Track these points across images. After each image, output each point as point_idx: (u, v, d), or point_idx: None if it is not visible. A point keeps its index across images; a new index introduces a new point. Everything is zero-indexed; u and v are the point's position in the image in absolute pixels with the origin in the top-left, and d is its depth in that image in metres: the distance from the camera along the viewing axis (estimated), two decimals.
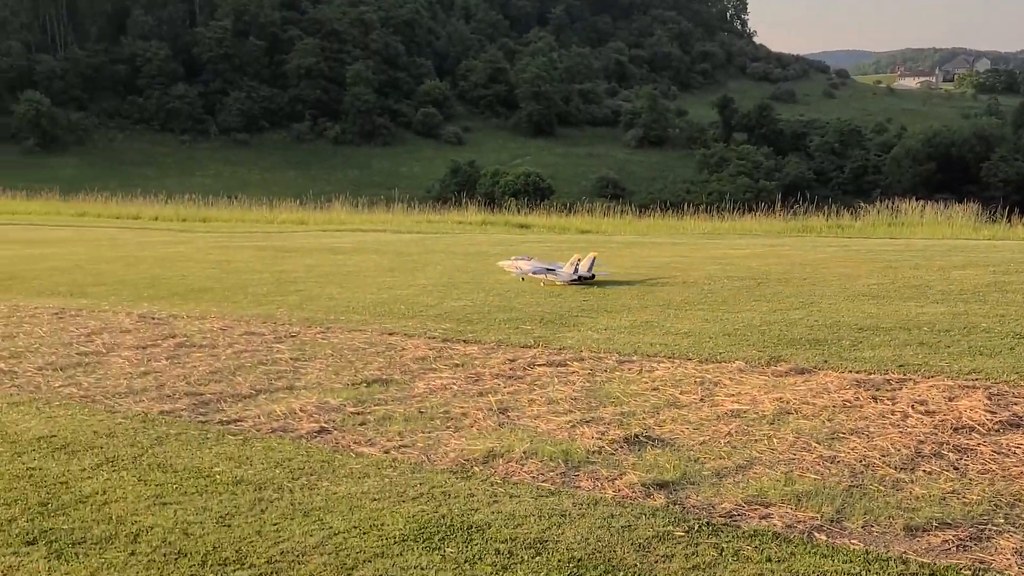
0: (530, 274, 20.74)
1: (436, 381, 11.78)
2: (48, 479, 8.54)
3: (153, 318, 16.47)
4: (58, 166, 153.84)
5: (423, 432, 9.73)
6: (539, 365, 12.55)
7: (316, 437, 9.66)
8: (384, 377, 12.01)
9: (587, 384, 11.54)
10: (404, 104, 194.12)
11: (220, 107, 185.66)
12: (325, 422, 10.11)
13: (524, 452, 8.98)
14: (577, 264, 20.27)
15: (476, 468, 8.66)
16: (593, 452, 8.99)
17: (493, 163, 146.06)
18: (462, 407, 10.59)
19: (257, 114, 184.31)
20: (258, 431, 9.87)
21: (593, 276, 20.20)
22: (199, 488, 8.27)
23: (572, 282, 20.03)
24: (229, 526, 7.43)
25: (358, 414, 10.40)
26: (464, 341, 14.04)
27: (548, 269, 20.69)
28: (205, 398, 11.19)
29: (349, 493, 8.07)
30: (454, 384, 11.63)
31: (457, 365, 12.62)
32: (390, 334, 14.65)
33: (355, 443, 9.43)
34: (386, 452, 9.15)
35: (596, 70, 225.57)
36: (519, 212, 47.62)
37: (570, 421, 9.96)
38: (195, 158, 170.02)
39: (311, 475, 8.55)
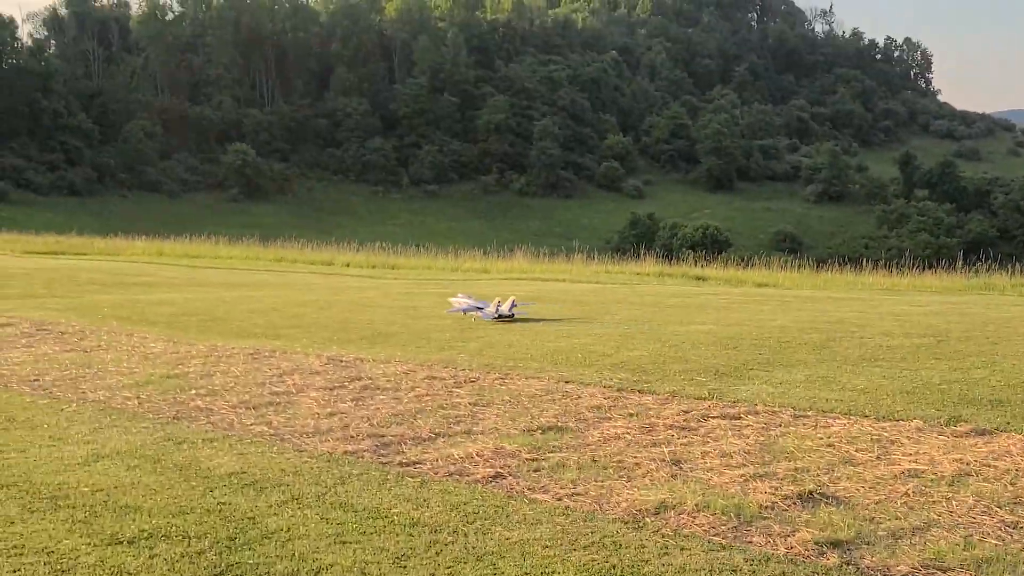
0: (463, 311, 23.39)
1: (610, 430, 11.63)
2: (237, 514, 8.63)
3: (341, 361, 16.66)
4: (260, 213, 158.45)
5: (596, 481, 9.58)
6: (713, 417, 12.30)
7: (491, 482, 9.58)
8: (559, 425, 11.90)
9: (761, 438, 11.25)
10: (588, 158, 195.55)
11: (413, 160, 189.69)
12: (500, 467, 10.03)
13: (696, 505, 8.76)
14: (499, 305, 22.85)
15: (647, 519, 8.48)
16: (766, 507, 8.72)
17: (672, 216, 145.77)
18: (635, 457, 10.41)
19: (447, 167, 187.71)
20: (435, 474, 9.85)
21: (513, 315, 22.59)
22: (377, 528, 8.26)
23: (495, 319, 22.39)
24: (404, 567, 7.39)
25: (533, 460, 10.30)
26: (639, 391, 13.85)
27: (477, 307, 23.32)
28: (387, 440, 11.22)
29: (522, 539, 7.97)
30: (628, 434, 11.46)
31: (631, 415, 12.44)
32: (566, 382, 14.54)
33: (529, 489, 9.33)
34: (559, 499, 9.03)
35: (777, 127, 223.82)
36: (696, 264, 47.12)
37: (743, 475, 9.70)
38: (387, 208, 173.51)
39: (485, 520, 8.47)
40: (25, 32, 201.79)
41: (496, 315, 22.62)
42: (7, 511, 8.68)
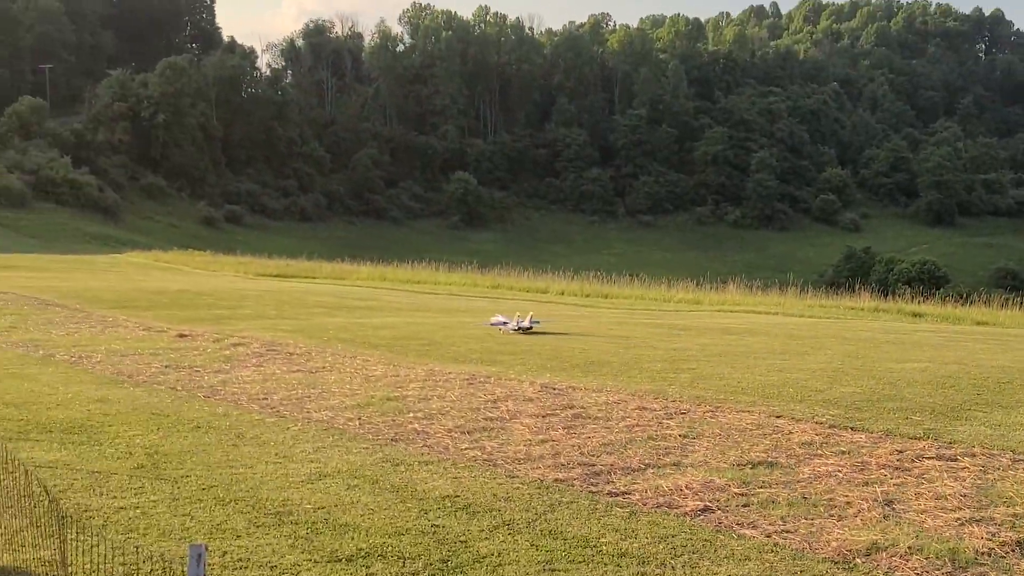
0: (494, 325, 26.98)
1: (821, 467, 11.38)
2: (449, 537, 8.74)
3: (554, 388, 16.72)
4: (478, 241, 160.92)
5: (806, 518, 9.39)
6: (928, 458, 11.90)
7: (700, 515, 9.49)
8: (769, 460, 11.70)
9: (978, 481, 10.83)
10: (804, 190, 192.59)
11: (629, 190, 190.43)
12: (709, 501, 9.92)
13: (909, 547, 8.50)
14: (520, 320, 26.22)
15: (858, 560, 8.27)
16: (982, 553, 8.40)
17: (889, 250, 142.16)
18: (846, 495, 10.16)
19: (663, 197, 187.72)
20: (644, 505, 9.79)
21: (531, 328, 25.87)
22: (585, 557, 8.27)
23: (516, 331, 25.75)
24: None
25: (742, 495, 10.15)
26: (851, 428, 13.51)
27: (504, 322, 26.69)
28: (597, 469, 11.21)
29: (729, 575, 7.87)
30: (839, 471, 11.19)
31: (843, 452, 12.14)
32: (777, 416, 14.29)
33: (737, 524, 9.21)
34: (768, 536, 8.88)
35: (1002, 160, 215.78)
36: (912, 300, 45.70)
37: (959, 519, 9.36)
38: (602, 237, 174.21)
39: (693, 553, 8.39)
40: (264, 62, 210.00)
41: (517, 327, 25.98)
42: (235, 525, 8.99)
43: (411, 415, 14.24)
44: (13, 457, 7.43)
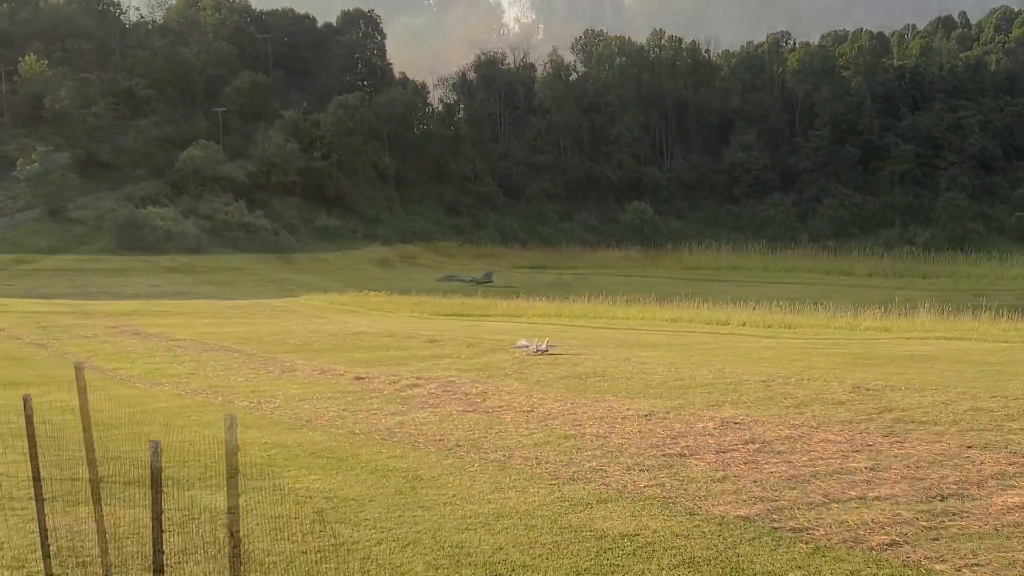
0: (516, 348, 30.58)
1: (1014, 498, 11.22)
2: None
3: (734, 422, 16.72)
4: (652, 273, 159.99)
5: (998, 551, 9.32)
6: None
7: (887, 549, 9.49)
8: (960, 492, 11.58)
9: None
10: (998, 208, 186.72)
11: (812, 214, 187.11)
12: (897, 535, 9.90)
13: None
14: (538, 344, 29.94)
15: None
16: None
17: None
18: None
19: (848, 221, 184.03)
20: (829, 540, 9.82)
21: (547, 350, 29.55)
22: None
23: (533, 353, 29.27)
24: None
25: (931, 528, 10.11)
26: None
27: (526, 345, 30.41)
28: (779, 504, 11.25)
29: None
30: None
31: None
32: (968, 447, 14.07)
33: (926, 558, 9.19)
34: (958, 570, 8.85)
35: None
36: None
37: None
38: (784, 264, 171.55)
39: None
40: (436, 97, 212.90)
41: (536, 350, 29.49)
42: (414, 567, 9.32)
43: (588, 453, 14.44)
44: (196, 503, 7.89)
